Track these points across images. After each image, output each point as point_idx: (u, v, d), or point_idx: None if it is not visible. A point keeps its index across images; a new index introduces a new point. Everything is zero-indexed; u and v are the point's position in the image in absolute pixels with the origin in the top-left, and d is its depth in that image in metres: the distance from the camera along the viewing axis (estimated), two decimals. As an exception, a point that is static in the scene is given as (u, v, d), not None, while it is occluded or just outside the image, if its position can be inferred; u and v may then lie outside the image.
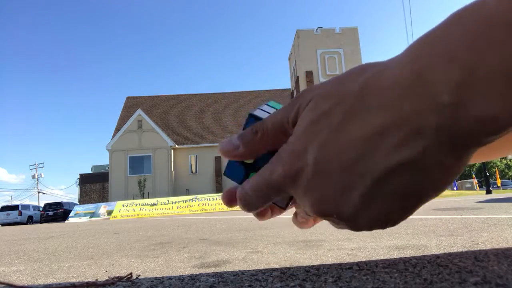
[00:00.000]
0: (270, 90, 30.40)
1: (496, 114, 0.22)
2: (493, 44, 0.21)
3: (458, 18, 0.23)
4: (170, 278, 0.59)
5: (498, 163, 43.54)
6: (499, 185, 21.49)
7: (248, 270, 0.58)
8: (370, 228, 0.30)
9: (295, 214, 0.39)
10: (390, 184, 0.26)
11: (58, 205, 22.08)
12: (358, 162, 0.26)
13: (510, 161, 45.41)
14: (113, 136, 24.36)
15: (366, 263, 0.52)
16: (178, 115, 27.58)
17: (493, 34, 0.21)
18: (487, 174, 14.08)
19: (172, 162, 23.77)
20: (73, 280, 0.74)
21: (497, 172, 22.00)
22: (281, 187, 0.30)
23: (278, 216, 0.37)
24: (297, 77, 25.09)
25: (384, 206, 0.27)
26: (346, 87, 0.28)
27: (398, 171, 0.25)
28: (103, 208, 14.69)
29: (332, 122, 0.27)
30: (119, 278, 0.54)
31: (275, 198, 0.32)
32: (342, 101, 0.27)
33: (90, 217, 13.98)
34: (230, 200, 0.36)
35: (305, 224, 0.38)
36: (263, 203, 0.33)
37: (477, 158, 0.43)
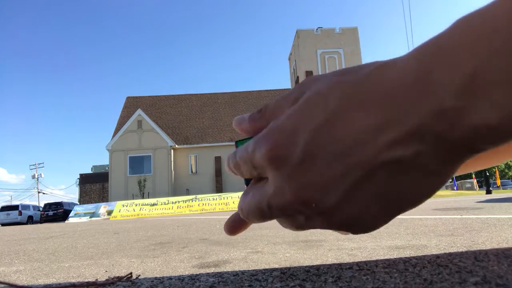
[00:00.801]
0: (270, 90, 30.36)
1: (498, 123, 0.22)
2: (496, 51, 0.21)
3: (465, 22, 0.23)
4: (170, 278, 0.59)
5: (498, 163, 43.49)
6: (498, 185, 21.50)
7: (248, 270, 0.58)
8: (342, 225, 0.29)
9: (232, 219, 0.38)
10: (376, 182, 0.26)
11: (58, 205, 22.08)
12: (351, 152, 0.26)
13: (510, 161, 45.41)
14: (113, 136, 24.36)
15: (366, 263, 0.52)
16: (178, 115, 27.58)
17: (496, 42, 0.21)
18: (487, 174, 14.08)
19: (172, 162, 23.77)
20: (73, 280, 0.74)
21: (497, 172, 21.99)
22: (262, 167, 0.29)
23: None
24: (297, 77, 25.09)
25: (365, 204, 0.27)
26: (349, 75, 0.27)
27: (388, 169, 0.25)
28: (103, 208, 14.68)
29: (329, 105, 0.26)
30: (119, 278, 0.54)
31: (253, 174, 0.32)
32: (343, 85, 0.27)
33: (90, 217, 13.97)
34: (232, 228, 0.38)
35: (237, 230, 0.38)
36: (242, 175, 0.33)
37: (477, 165, 0.43)
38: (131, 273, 0.58)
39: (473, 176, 23.13)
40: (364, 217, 0.28)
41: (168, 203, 14.37)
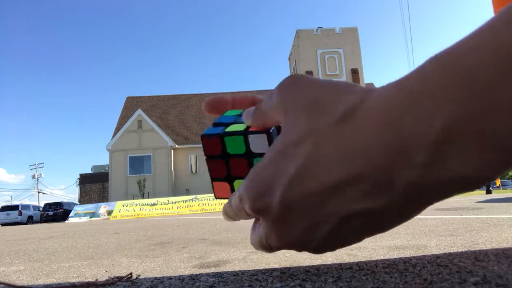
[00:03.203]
0: (270, 90, 30.31)
1: (474, 174, 0.21)
2: (469, 99, 0.19)
3: (437, 65, 0.21)
4: (170, 278, 0.59)
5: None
6: (498, 185, 21.49)
7: (248, 270, 0.58)
8: (324, 252, 0.34)
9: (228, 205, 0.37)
10: (351, 225, 0.28)
11: (58, 205, 22.05)
12: (324, 206, 0.27)
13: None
14: (113, 136, 24.35)
15: (366, 263, 0.52)
16: (178, 115, 27.57)
17: (468, 87, 0.19)
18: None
19: (172, 162, 23.76)
20: (73, 280, 0.74)
21: (497, 172, 21.95)
22: (253, 215, 0.33)
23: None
24: (297, 77, 25.08)
25: (343, 239, 0.30)
26: (322, 116, 0.26)
27: (361, 216, 0.27)
28: (103, 208, 14.67)
29: (299, 157, 0.27)
30: (119, 278, 0.54)
31: (252, 217, 0.35)
32: (314, 135, 0.26)
33: (90, 217, 13.97)
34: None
35: (234, 219, 0.38)
36: (240, 218, 0.36)
37: None
38: (131, 273, 0.58)
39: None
40: (343, 245, 0.32)
41: (168, 203, 14.37)
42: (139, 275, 0.65)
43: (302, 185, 0.27)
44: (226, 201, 0.37)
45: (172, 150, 23.88)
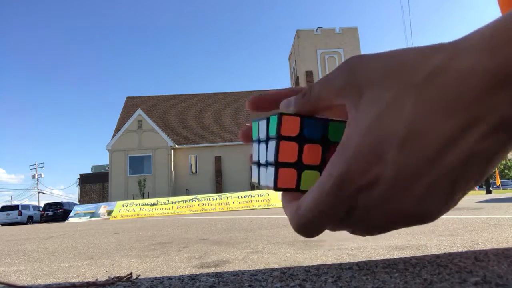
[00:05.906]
0: (270, 90, 30.34)
1: None
2: None
3: None
4: (170, 278, 0.58)
5: (498, 163, 43.47)
6: (498, 184, 21.49)
7: (248, 270, 0.58)
8: (438, 216, 0.29)
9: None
10: (464, 176, 0.26)
11: (58, 205, 22.05)
12: (443, 157, 0.25)
13: (510, 161, 45.40)
14: (113, 136, 24.36)
15: (366, 263, 0.52)
16: (178, 115, 27.57)
17: None
18: (487, 174, 14.06)
19: (172, 162, 23.76)
20: (73, 280, 0.75)
21: (497, 172, 21.99)
22: (351, 199, 0.28)
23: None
24: (297, 77, 25.10)
25: (456, 195, 0.27)
26: (414, 73, 0.25)
27: (480, 157, 0.25)
28: (103, 208, 14.67)
29: (405, 118, 0.25)
30: (119, 278, 0.54)
31: (341, 213, 0.29)
32: (411, 91, 0.25)
33: (90, 217, 13.96)
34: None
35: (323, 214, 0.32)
36: (327, 222, 0.29)
37: None
38: (131, 273, 0.58)
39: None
40: (443, 208, 0.28)
41: (168, 203, 14.36)
42: (139, 275, 0.65)
43: (417, 143, 0.25)
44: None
45: (172, 150, 23.87)
